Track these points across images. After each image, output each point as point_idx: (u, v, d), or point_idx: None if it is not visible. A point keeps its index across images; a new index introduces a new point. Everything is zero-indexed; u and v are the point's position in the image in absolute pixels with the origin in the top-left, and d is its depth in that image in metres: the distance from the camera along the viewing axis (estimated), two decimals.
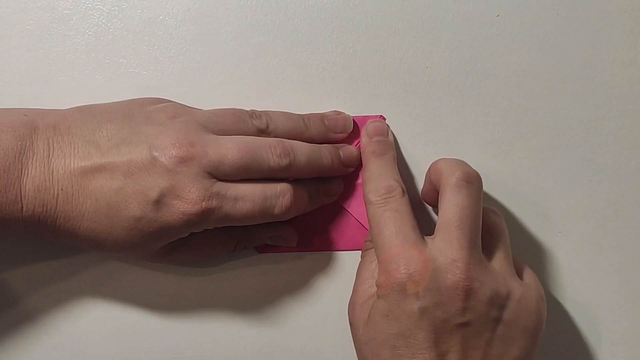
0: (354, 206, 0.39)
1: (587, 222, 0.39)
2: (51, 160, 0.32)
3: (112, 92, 0.39)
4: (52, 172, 0.32)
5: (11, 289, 0.39)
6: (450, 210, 0.33)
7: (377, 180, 0.35)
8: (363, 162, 0.38)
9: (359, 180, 0.39)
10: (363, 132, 0.38)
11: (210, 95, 0.39)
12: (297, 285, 0.39)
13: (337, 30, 0.39)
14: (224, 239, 0.37)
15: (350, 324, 0.35)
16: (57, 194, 0.32)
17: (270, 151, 0.34)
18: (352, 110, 0.39)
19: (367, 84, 0.39)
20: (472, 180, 0.33)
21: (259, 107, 0.39)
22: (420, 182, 0.39)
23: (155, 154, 0.32)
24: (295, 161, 0.35)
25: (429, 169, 0.36)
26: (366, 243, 0.37)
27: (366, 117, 0.39)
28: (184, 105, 0.37)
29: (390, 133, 0.39)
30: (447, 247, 0.32)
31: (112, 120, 0.34)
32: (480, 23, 0.39)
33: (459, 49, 0.39)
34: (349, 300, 0.36)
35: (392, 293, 0.32)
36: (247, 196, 0.33)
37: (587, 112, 0.39)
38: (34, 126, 0.33)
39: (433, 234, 0.34)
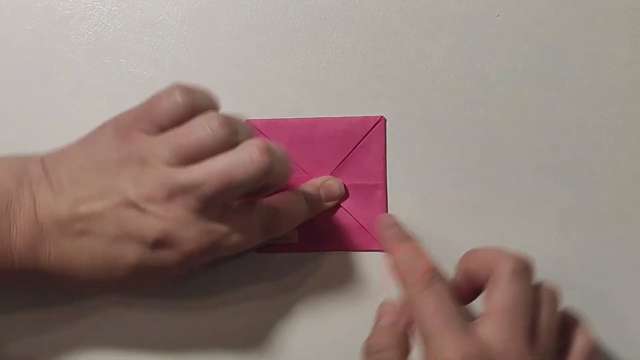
0: (354, 207, 0.39)
1: (587, 222, 0.39)
2: (38, 214, 0.32)
3: (112, 92, 0.39)
4: (42, 228, 0.32)
5: None
6: (506, 298, 0.31)
7: (411, 262, 0.33)
8: (387, 249, 0.35)
9: (359, 182, 0.39)
10: (378, 226, 0.37)
11: None
12: (297, 285, 0.39)
13: (337, 30, 0.39)
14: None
15: None
16: (49, 251, 0.32)
17: (248, 160, 0.32)
18: (352, 110, 0.39)
19: (367, 84, 0.39)
20: (529, 270, 0.32)
21: (259, 108, 0.39)
22: (418, 183, 0.39)
23: (141, 205, 0.32)
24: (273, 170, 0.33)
25: (466, 261, 0.34)
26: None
27: (366, 118, 0.39)
28: (148, 136, 0.33)
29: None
30: (500, 334, 0.30)
31: (86, 171, 0.33)
32: (480, 23, 0.39)
33: (459, 49, 0.39)
34: None
35: None
36: (240, 227, 0.33)
37: (587, 112, 0.39)
38: (18, 179, 0.32)
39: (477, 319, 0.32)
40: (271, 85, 0.39)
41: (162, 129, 0.33)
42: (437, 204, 0.39)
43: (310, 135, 0.39)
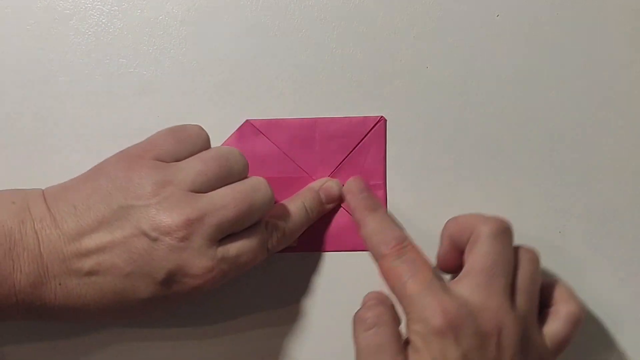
0: None
1: (587, 222, 0.39)
2: (43, 254, 0.31)
3: (112, 92, 0.39)
4: (47, 267, 0.31)
5: None
6: (484, 257, 0.32)
7: (382, 233, 0.34)
8: (357, 219, 0.36)
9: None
10: (345, 190, 0.38)
11: (210, 95, 0.39)
12: (297, 285, 0.39)
13: (337, 30, 0.39)
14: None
15: None
16: (56, 289, 0.31)
17: (264, 186, 0.34)
18: (352, 110, 0.39)
19: (367, 84, 0.39)
20: (507, 232, 0.33)
21: (259, 108, 0.39)
22: (418, 183, 0.39)
23: (154, 236, 0.31)
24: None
25: (448, 227, 0.35)
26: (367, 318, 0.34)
27: (367, 118, 0.39)
28: (162, 164, 0.33)
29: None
30: (478, 292, 0.32)
31: (92, 206, 0.31)
32: (480, 23, 0.39)
33: (459, 49, 0.39)
34: None
35: (432, 342, 0.31)
36: (247, 248, 0.33)
37: (587, 112, 0.39)
38: (21, 220, 0.31)
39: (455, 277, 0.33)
40: (271, 85, 0.39)
41: (177, 160, 0.33)
42: (437, 204, 0.39)
43: (310, 135, 0.39)
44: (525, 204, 0.39)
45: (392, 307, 0.34)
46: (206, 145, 0.35)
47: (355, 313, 0.34)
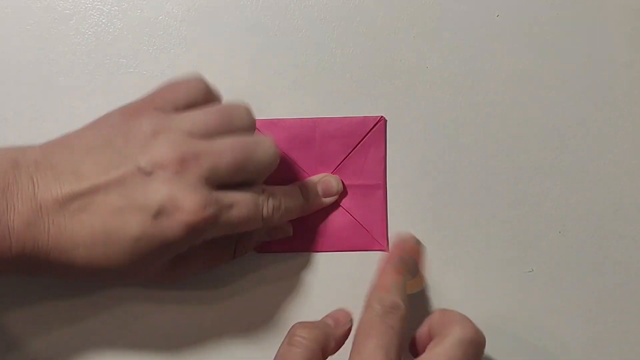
0: (354, 206, 0.39)
1: (587, 222, 0.39)
2: (37, 195, 0.31)
3: (112, 92, 0.39)
4: (40, 206, 0.31)
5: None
6: (438, 357, 0.31)
7: (387, 293, 0.34)
8: (385, 267, 0.36)
9: (359, 182, 0.39)
10: (398, 241, 0.38)
11: None
12: (297, 285, 0.39)
13: (337, 30, 0.39)
14: (222, 246, 0.37)
15: None
16: (48, 228, 0.31)
17: (268, 145, 0.34)
18: (352, 110, 0.39)
19: (367, 84, 0.39)
20: (475, 344, 0.32)
21: (259, 107, 0.39)
22: (418, 183, 0.39)
23: (149, 169, 0.31)
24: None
25: (433, 316, 0.34)
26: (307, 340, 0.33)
27: (366, 118, 0.39)
28: (163, 113, 0.34)
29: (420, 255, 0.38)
30: None
31: (92, 149, 0.32)
32: (480, 23, 0.39)
33: (459, 49, 0.39)
34: None
35: None
36: (241, 202, 0.33)
37: (587, 112, 0.39)
38: (15, 162, 0.31)
39: None
40: (271, 85, 0.39)
41: (177, 110, 0.34)
42: (437, 204, 0.39)
43: (310, 135, 0.39)
44: (525, 204, 0.39)
45: (333, 339, 0.34)
46: (208, 97, 0.35)
47: (298, 322, 0.34)
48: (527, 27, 0.39)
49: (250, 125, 0.35)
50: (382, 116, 0.39)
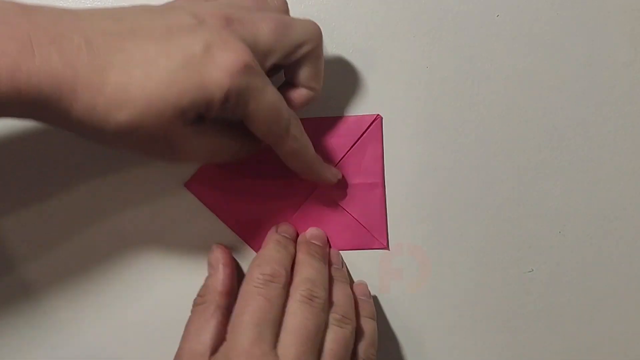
0: (353, 205, 0.39)
1: (587, 222, 0.39)
2: (73, 14, 0.28)
3: None
4: (77, 19, 0.28)
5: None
6: (297, 323, 0.33)
7: (269, 262, 0.35)
8: (273, 240, 0.37)
9: (357, 181, 0.39)
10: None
11: None
12: None
13: (337, 30, 0.39)
14: (230, 137, 0.34)
15: None
16: (81, 45, 0.27)
17: (310, 23, 0.34)
18: (352, 110, 0.39)
19: (367, 83, 0.39)
20: (317, 296, 0.34)
21: None
22: (418, 183, 0.39)
23: (198, 18, 0.30)
24: None
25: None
26: (204, 298, 0.36)
27: (363, 116, 0.39)
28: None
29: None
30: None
31: (128, 15, 0.30)
32: (480, 23, 0.39)
33: (459, 49, 0.39)
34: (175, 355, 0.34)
35: None
36: (271, 93, 0.32)
37: (587, 112, 0.39)
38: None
39: None
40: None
41: None
42: (438, 203, 0.39)
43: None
44: (525, 204, 0.39)
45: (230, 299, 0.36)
46: None
47: (208, 285, 0.36)
48: (527, 27, 0.39)
49: (284, 8, 0.35)
50: (378, 114, 0.39)
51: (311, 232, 0.39)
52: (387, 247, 0.39)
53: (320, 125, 0.39)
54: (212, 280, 0.36)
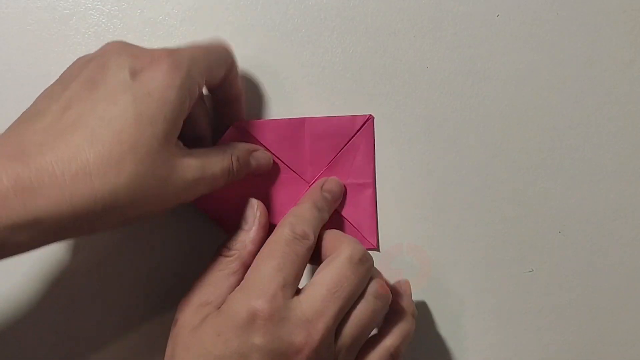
0: (343, 205, 0.39)
1: (587, 222, 0.39)
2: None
3: None
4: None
5: None
6: (331, 276, 0.32)
7: (303, 222, 0.34)
8: (305, 198, 0.37)
9: (349, 181, 0.39)
10: (320, 184, 0.38)
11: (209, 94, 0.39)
12: None
13: (337, 30, 0.39)
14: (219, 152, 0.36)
15: (176, 322, 0.33)
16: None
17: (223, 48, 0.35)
18: (352, 110, 0.39)
19: (367, 84, 0.39)
20: (363, 261, 0.33)
21: (259, 107, 0.39)
22: (419, 183, 0.39)
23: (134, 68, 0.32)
24: None
25: (324, 237, 0.35)
26: (231, 252, 0.35)
27: (355, 117, 0.39)
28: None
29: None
30: (309, 307, 0.31)
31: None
32: (480, 23, 0.39)
33: (459, 49, 0.39)
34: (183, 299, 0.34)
35: (239, 317, 0.31)
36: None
37: (587, 112, 0.39)
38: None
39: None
40: (271, 85, 0.39)
41: None
42: (438, 203, 0.39)
43: (299, 135, 0.39)
44: (525, 204, 0.39)
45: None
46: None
47: (239, 240, 0.35)
48: (527, 27, 0.39)
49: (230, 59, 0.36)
50: (370, 114, 0.39)
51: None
52: (376, 248, 0.39)
53: (313, 124, 0.39)
54: (245, 236, 0.35)
